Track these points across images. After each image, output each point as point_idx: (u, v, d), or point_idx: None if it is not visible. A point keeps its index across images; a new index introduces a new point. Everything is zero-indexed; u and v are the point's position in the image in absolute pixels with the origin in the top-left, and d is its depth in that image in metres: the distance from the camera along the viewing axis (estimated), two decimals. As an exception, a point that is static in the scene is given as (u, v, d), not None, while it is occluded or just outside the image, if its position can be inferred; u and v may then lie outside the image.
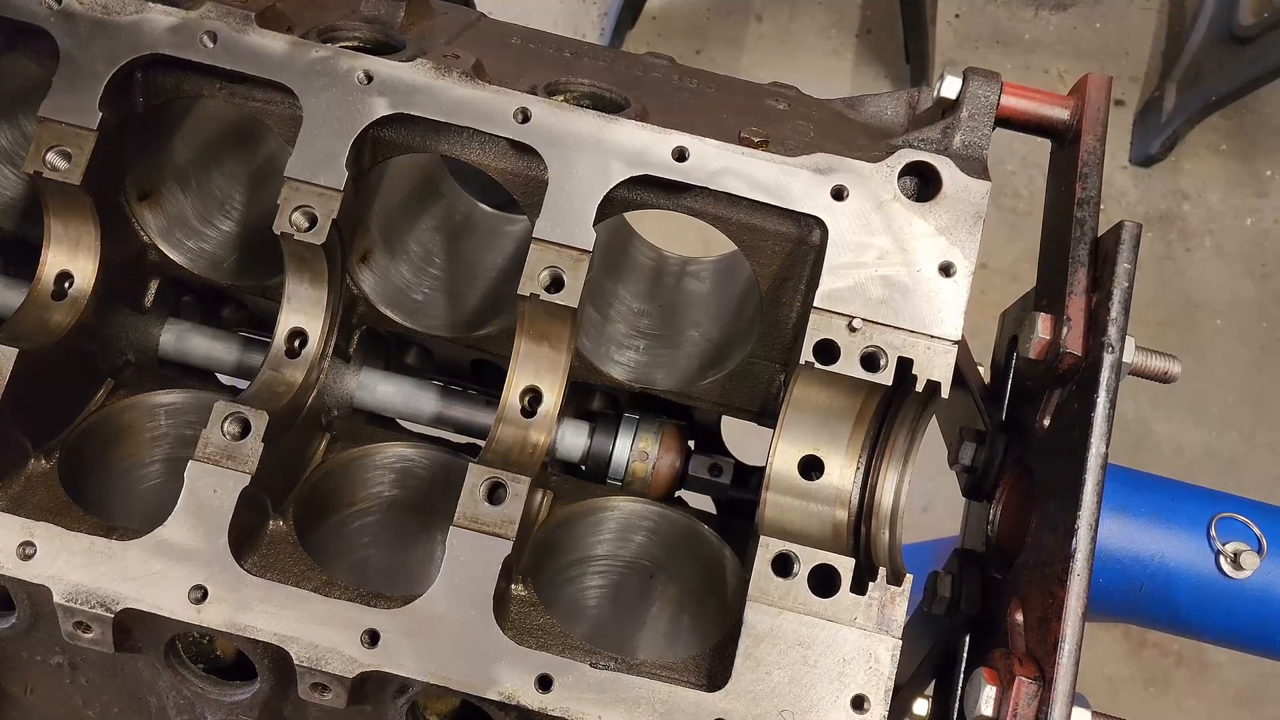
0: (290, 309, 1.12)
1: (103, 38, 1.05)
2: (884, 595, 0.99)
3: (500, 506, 0.99)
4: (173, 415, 1.20)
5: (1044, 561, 1.05)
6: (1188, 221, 3.31)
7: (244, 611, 0.96)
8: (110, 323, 1.18)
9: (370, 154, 1.10)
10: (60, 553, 0.97)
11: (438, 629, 0.96)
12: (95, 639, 0.98)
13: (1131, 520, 1.32)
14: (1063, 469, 1.06)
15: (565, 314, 1.05)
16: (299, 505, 1.11)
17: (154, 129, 1.16)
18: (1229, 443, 3.09)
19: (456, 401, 1.24)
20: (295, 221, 1.04)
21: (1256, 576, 1.30)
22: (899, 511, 1.11)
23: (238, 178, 1.27)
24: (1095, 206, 1.14)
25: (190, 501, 0.98)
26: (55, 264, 1.11)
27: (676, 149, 1.05)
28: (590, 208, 1.04)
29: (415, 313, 1.21)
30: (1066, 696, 0.97)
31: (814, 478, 1.11)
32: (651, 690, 0.96)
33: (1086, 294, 1.10)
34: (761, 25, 3.40)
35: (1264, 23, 3.07)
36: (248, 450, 1.00)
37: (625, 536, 1.20)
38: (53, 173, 1.04)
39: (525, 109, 1.06)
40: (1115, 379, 1.06)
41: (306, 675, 0.96)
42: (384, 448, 1.21)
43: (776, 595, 0.99)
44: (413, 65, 1.07)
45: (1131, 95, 3.45)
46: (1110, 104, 1.19)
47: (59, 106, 1.04)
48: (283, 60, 1.06)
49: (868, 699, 0.97)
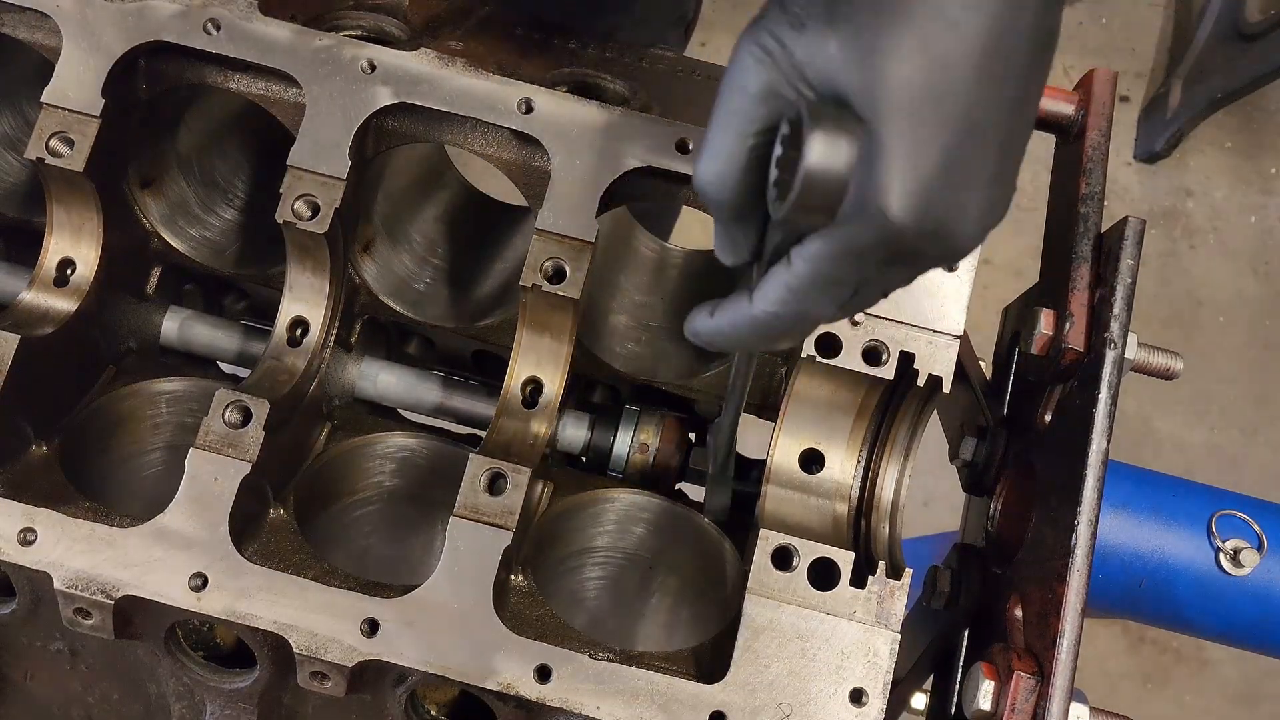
0: (292, 298, 1.12)
1: (107, 24, 1.05)
2: (883, 589, 0.99)
3: (500, 497, 1.00)
4: (174, 403, 1.20)
5: (1044, 557, 1.05)
6: (1191, 218, 3.31)
7: (244, 599, 0.96)
8: (112, 310, 1.18)
9: (373, 143, 1.10)
10: (61, 539, 0.97)
11: (437, 619, 0.96)
12: (95, 625, 0.98)
13: (1132, 516, 1.32)
14: (1064, 465, 1.06)
15: (567, 305, 1.05)
16: (299, 494, 1.11)
17: (157, 116, 1.16)
18: (1230, 440, 3.09)
19: (458, 392, 1.24)
20: (298, 210, 1.04)
21: (1256, 574, 1.30)
22: (899, 506, 1.11)
23: (240, 165, 1.27)
24: (1099, 202, 1.14)
25: (191, 489, 0.99)
26: (57, 251, 1.11)
27: (680, 140, 1.05)
28: (593, 199, 1.04)
29: (417, 303, 1.21)
30: (1065, 692, 0.97)
31: (815, 471, 1.11)
32: (650, 681, 0.96)
33: (1089, 290, 1.10)
34: (766, 18, 3.40)
35: (1270, 20, 3.06)
36: (249, 439, 1.00)
37: (625, 528, 1.20)
38: (55, 159, 1.04)
39: (529, 99, 1.06)
40: (1117, 375, 1.06)
41: (306, 663, 0.96)
42: (385, 437, 1.21)
43: (776, 588, 0.99)
44: (416, 55, 1.07)
45: (1137, 91, 3.44)
46: (1115, 100, 1.19)
47: (62, 92, 1.04)
48: (286, 48, 1.06)
49: (866, 692, 0.97)
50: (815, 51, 0.74)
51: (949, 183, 0.74)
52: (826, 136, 0.72)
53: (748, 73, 0.77)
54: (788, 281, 0.78)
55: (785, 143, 0.75)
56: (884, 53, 0.72)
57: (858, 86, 0.73)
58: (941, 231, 0.75)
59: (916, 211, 0.73)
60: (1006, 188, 0.78)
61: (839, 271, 0.77)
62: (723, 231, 0.83)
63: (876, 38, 0.73)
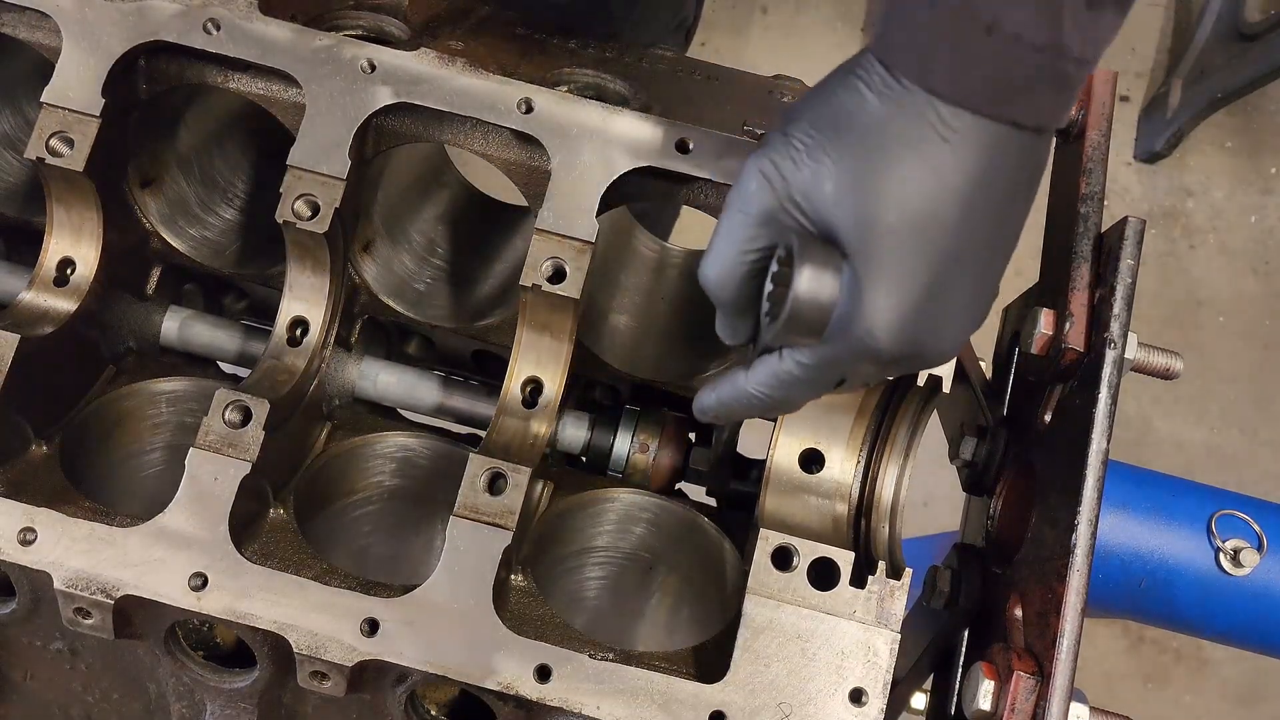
0: (292, 297, 1.12)
1: (107, 24, 1.05)
2: (883, 589, 0.99)
3: (500, 497, 1.00)
4: (174, 403, 1.20)
5: (1044, 557, 1.05)
6: (1191, 218, 3.31)
7: (244, 599, 0.96)
8: (112, 310, 1.18)
9: (373, 143, 1.10)
10: (61, 539, 0.97)
11: (437, 618, 0.96)
12: (95, 625, 0.98)
13: (1131, 516, 1.32)
14: (1063, 465, 1.06)
15: (567, 305, 1.05)
16: (299, 493, 1.11)
17: (157, 115, 1.16)
18: (1230, 440, 3.09)
19: (458, 391, 1.24)
20: (298, 210, 1.04)
21: (1256, 574, 1.30)
22: (899, 505, 1.11)
23: (240, 165, 1.27)
24: (1099, 202, 1.14)
25: (191, 489, 0.99)
26: (57, 250, 1.11)
27: (680, 141, 1.05)
28: (593, 199, 1.04)
29: (417, 302, 1.21)
30: (1065, 691, 0.97)
31: (815, 471, 1.11)
32: (650, 681, 0.96)
33: (1089, 290, 1.10)
34: (767, 17, 3.39)
35: (1270, 20, 3.05)
36: (249, 438, 1.00)
37: (625, 528, 1.20)
38: (55, 159, 1.04)
39: (529, 99, 1.06)
40: (1117, 375, 1.05)
41: (306, 663, 0.96)
42: (385, 437, 1.21)
43: (776, 588, 0.99)
44: (416, 54, 1.07)
45: (1137, 91, 3.44)
46: (1115, 100, 1.19)
47: (62, 92, 1.04)
48: (286, 48, 1.06)
49: (866, 692, 0.97)
50: (811, 187, 0.82)
51: (928, 312, 0.81)
52: (814, 270, 0.81)
53: (751, 196, 0.84)
54: (777, 372, 0.88)
55: (780, 262, 0.84)
56: (873, 195, 0.79)
57: (848, 225, 0.80)
58: (920, 352, 0.83)
59: (897, 339, 0.81)
60: (985, 304, 0.85)
61: (821, 376, 0.87)
62: (722, 318, 0.92)
63: (866, 180, 0.79)
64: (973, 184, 0.79)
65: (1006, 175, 0.80)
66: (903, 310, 0.80)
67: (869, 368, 0.86)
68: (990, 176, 0.79)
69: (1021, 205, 0.83)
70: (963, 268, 0.81)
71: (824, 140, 0.81)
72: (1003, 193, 0.81)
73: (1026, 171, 0.82)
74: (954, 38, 0.76)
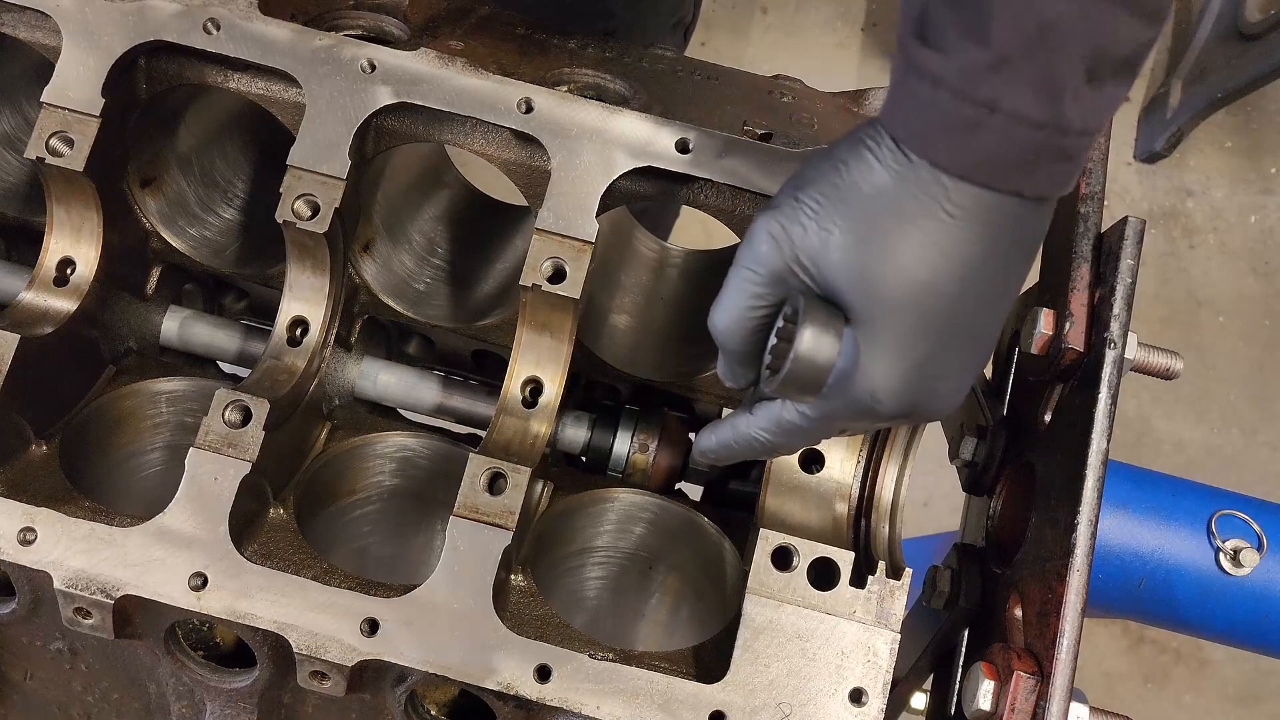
0: (292, 297, 1.12)
1: (107, 24, 1.05)
2: (883, 589, 0.99)
3: (500, 497, 1.00)
4: (174, 402, 1.20)
5: (1043, 557, 1.05)
6: (1191, 218, 3.31)
7: (244, 599, 0.96)
8: (112, 309, 1.18)
9: (373, 142, 1.10)
10: (61, 539, 0.97)
11: (437, 618, 0.96)
12: (95, 625, 0.98)
13: (1131, 516, 1.32)
14: (1063, 464, 1.06)
15: (567, 305, 1.05)
16: (299, 493, 1.11)
17: (157, 115, 1.16)
18: (1230, 440, 3.09)
19: (458, 391, 1.24)
20: (298, 210, 1.04)
21: (1256, 574, 1.30)
22: (899, 506, 1.11)
23: (240, 165, 1.27)
24: (1099, 202, 1.14)
25: (191, 489, 0.99)
26: (57, 250, 1.11)
27: (680, 140, 1.05)
28: (593, 199, 1.04)
29: (417, 302, 1.21)
30: (1065, 691, 0.97)
31: (815, 471, 1.11)
32: (650, 681, 0.96)
33: (1089, 289, 1.10)
34: (767, 17, 3.39)
35: (1270, 20, 3.05)
36: (249, 438, 1.00)
37: (625, 528, 1.20)
38: (55, 159, 1.04)
39: (529, 99, 1.06)
40: (1117, 375, 1.05)
41: (306, 663, 0.96)
42: (385, 437, 1.21)
43: (776, 588, 0.99)
44: (416, 54, 1.07)
45: (1137, 91, 3.44)
46: (1115, 99, 1.19)
47: (62, 92, 1.04)
48: (286, 48, 1.06)
49: (866, 692, 0.97)
50: (818, 253, 0.84)
51: (927, 375, 0.85)
52: (816, 331, 0.84)
53: (761, 256, 0.87)
54: (779, 419, 0.91)
55: (786, 319, 0.87)
56: (877, 265, 0.82)
57: (852, 291, 0.84)
58: (918, 411, 0.87)
59: (896, 400, 0.85)
60: (981, 363, 0.89)
61: (819, 428, 0.91)
62: (725, 363, 0.95)
63: (871, 250, 0.82)
64: (975, 257, 0.81)
65: (1008, 244, 0.82)
66: (902, 374, 0.84)
67: (867, 422, 0.89)
68: (992, 248, 0.82)
69: (1021, 269, 0.86)
70: (961, 335, 0.84)
71: (832, 208, 0.83)
72: (1004, 260, 0.83)
73: (1029, 238, 0.84)
74: (956, 115, 0.77)
